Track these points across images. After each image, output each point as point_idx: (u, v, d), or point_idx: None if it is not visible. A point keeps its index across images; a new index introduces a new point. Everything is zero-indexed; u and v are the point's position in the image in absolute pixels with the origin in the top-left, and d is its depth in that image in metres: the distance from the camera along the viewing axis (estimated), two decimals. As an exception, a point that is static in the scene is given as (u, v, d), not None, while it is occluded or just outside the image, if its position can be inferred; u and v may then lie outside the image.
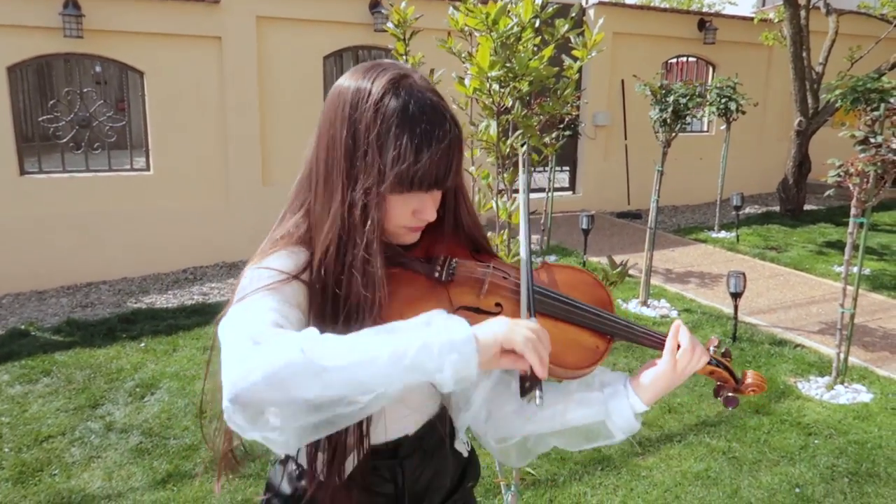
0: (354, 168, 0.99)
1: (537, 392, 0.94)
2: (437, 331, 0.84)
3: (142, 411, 3.71)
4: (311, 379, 0.79)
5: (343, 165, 1.00)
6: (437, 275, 1.08)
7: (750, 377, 1.18)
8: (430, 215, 1.05)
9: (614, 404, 1.13)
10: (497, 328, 0.89)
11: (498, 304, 1.08)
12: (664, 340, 1.12)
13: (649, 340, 1.14)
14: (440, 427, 1.23)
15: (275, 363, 0.79)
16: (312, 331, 0.84)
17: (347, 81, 1.03)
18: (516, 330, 0.89)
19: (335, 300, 1.01)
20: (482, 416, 1.21)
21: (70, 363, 4.31)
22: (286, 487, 1.18)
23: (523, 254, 1.09)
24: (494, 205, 2.27)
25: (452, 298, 1.08)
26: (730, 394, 1.17)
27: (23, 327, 4.95)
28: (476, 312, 1.06)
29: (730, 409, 1.21)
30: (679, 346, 1.11)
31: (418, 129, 0.96)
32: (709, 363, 1.15)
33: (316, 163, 1.06)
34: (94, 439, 3.43)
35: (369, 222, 0.98)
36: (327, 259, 1.01)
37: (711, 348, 1.17)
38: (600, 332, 1.12)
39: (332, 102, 1.04)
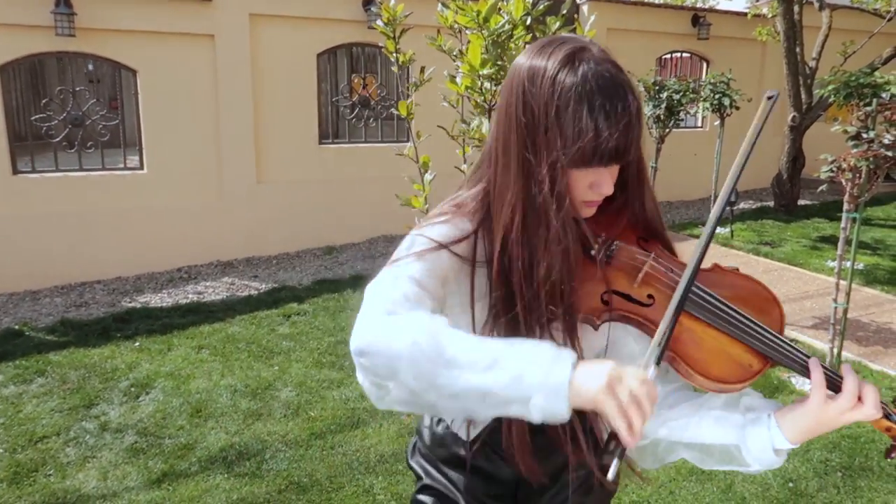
0: (536, 145, 1.00)
1: (614, 461, 0.87)
2: (536, 366, 0.84)
3: (136, 411, 3.71)
4: (428, 366, 0.85)
5: (524, 143, 1.01)
6: (593, 252, 1.07)
7: None
8: (608, 189, 1.03)
9: (752, 432, 1.05)
10: (596, 382, 0.83)
11: (650, 297, 1.05)
12: (834, 378, 1.02)
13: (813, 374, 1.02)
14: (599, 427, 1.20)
15: (400, 340, 0.86)
16: (442, 320, 0.89)
17: (523, 59, 1.04)
18: (616, 390, 0.83)
19: (521, 281, 1.03)
20: None
21: (64, 363, 4.30)
22: (426, 435, 1.30)
23: (694, 259, 1.02)
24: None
25: (607, 280, 1.06)
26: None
27: (17, 327, 4.94)
28: (627, 300, 1.05)
29: (890, 458, 1.04)
30: (831, 383, 1.01)
31: (597, 104, 0.96)
32: (883, 417, 1.01)
33: (495, 142, 1.07)
34: (88, 439, 3.43)
35: (558, 198, 1.00)
36: (513, 236, 1.03)
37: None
38: (757, 350, 1.02)
39: (509, 82, 1.05)
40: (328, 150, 7.11)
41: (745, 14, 9.38)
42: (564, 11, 2.26)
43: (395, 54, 2.42)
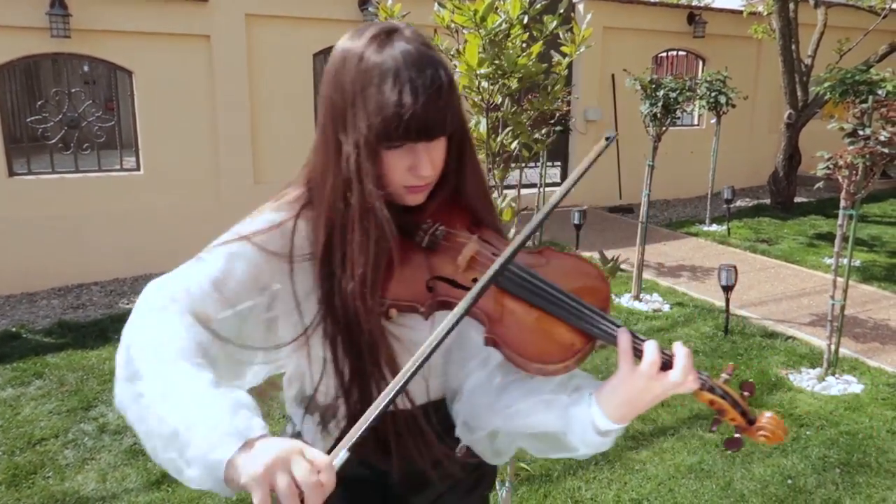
0: (345, 124, 1.00)
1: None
2: (202, 437, 0.81)
3: (135, 412, 3.70)
4: (126, 384, 0.91)
5: (335, 124, 1.01)
6: (418, 239, 1.07)
7: (766, 420, 0.99)
8: (425, 170, 1.01)
9: (575, 412, 1.01)
10: (254, 467, 0.77)
11: (475, 280, 1.02)
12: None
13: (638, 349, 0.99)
14: (444, 418, 1.19)
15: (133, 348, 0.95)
16: (182, 340, 0.92)
17: (338, 44, 1.04)
18: (276, 476, 0.76)
19: (335, 253, 1.02)
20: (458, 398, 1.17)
21: (62, 365, 4.29)
22: None
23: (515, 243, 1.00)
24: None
25: (431, 266, 1.06)
26: (735, 434, 1.01)
27: (14, 329, 4.92)
28: (453, 286, 1.04)
29: (730, 451, 1.01)
30: (643, 353, 0.96)
31: (401, 78, 0.95)
32: (705, 389, 0.98)
33: (317, 129, 1.08)
34: (87, 441, 3.42)
35: (361, 177, 0.99)
36: (336, 224, 1.02)
37: (724, 376, 1.01)
38: (579, 329, 1.00)
39: (326, 67, 1.06)
40: (325, 150, 7.10)
41: (741, 12, 9.39)
42: (561, 10, 2.26)
43: (392, 54, 2.42)
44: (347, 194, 1.01)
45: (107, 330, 4.88)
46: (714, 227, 7.88)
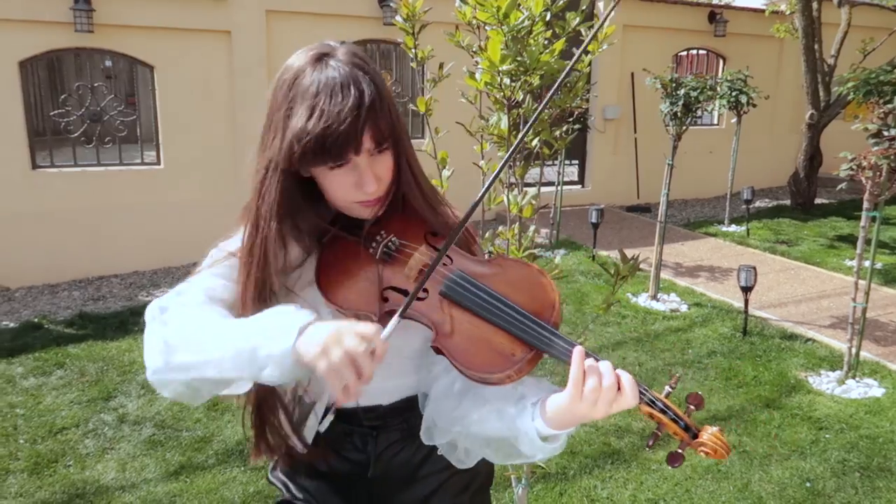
0: (265, 145, 1.07)
1: (314, 411, 0.92)
2: (265, 340, 0.91)
3: (154, 403, 3.74)
4: (172, 372, 1.00)
5: (262, 142, 1.09)
6: (371, 251, 1.11)
7: (707, 435, 0.98)
8: (370, 186, 1.04)
9: (521, 423, 1.03)
10: (314, 347, 0.88)
11: (425, 290, 1.07)
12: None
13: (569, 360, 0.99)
14: (419, 417, 1.22)
15: (149, 349, 1.02)
16: (201, 319, 1.00)
17: (289, 61, 1.08)
18: (330, 352, 0.87)
19: (262, 273, 1.08)
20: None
21: (83, 356, 4.34)
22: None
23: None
24: (505, 199, 2.27)
25: (383, 277, 1.09)
26: (678, 450, 0.98)
27: (36, 320, 5.00)
28: (404, 295, 1.07)
29: (672, 467, 0.99)
30: (585, 378, 0.96)
31: (316, 100, 0.99)
32: (644, 402, 0.98)
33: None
34: (107, 431, 3.47)
35: (266, 194, 1.06)
36: (250, 230, 1.10)
37: (667, 388, 1.00)
38: (521, 339, 1.01)
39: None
40: (343, 146, 7.13)
41: (763, 11, 9.29)
42: (584, 7, 2.25)
43: (413, 50, 2.42)
44: (259, 214, 1.09)
45: (126, 322, 4.94)
46: (733, 228, 7.82)
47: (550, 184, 7.52)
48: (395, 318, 0.99)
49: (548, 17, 2.10)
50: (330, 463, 1.25)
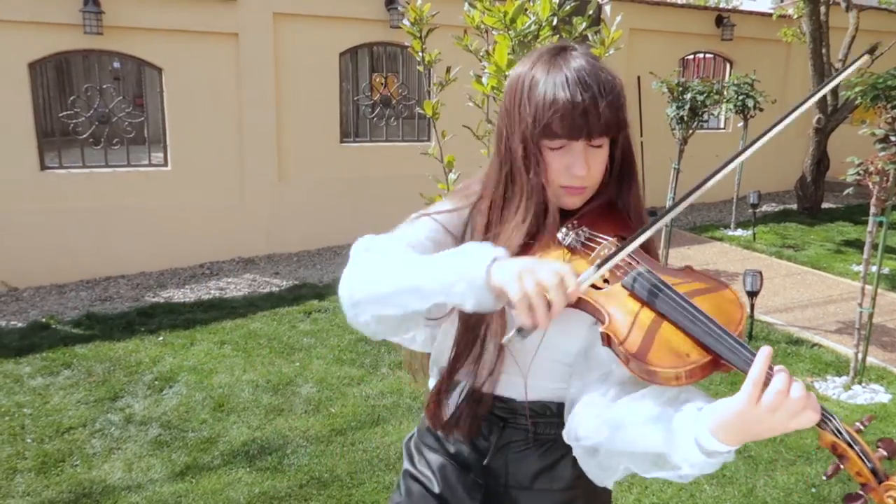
0: (512, 124, 1.12)
1: (514, 334, 0.94)
2: (459, 263, 0.96)
3: (160, 404, 3.76)
4: (371, 287, 1.05)
5: (506, 126, 1.14)
6: (560, 236, 1.13)
7: None
8: (580, 169, 1.08)
9: (679, 424, 0.95)
10: (511, 269, 0.91)
11: (606, 281, 1.07)
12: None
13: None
14: (550, 425, 1.22)
15: (353, 273, 1.08)
16: (398, 256, 1.07)
17: (518, 68, 1.15)
18: (524, 278, 0.90)
19: (495, 235, 1.14)
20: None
21: (90, 356, 4.37)
22: (421, 424, 1.38)
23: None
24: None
25: (569, 263, 1.06)
26: (858, 491, 0.88)
27: (43, 320, 5.03)
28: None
29: None
30: (768, 381, 0.87)
31: (558, 80, 1.06)
32: (826, 429, 0.89)
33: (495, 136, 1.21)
34: (114, 431, 3.49)
35: (529, 162, 1.10)
36: (495, 202, 1.16)
37: (858, 424, 0.90)
38: (697, 340, 0.95)
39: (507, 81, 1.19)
40: (349, 148, 7.15)
41: (770, 15, 9.28)
42: (590, 12, 2.26)
43: (420, 54, 2.43)
44: (511, 183, 1.14)
45: (133, 322, 4.96)
46: (739, 232, 7.80)
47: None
48: (593, 268, 0.99)
49: (554, 22, 2.11)
50: (456, 442, 1.28)
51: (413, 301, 0.99)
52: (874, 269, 4.08)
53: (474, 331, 1.17)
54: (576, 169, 1.09)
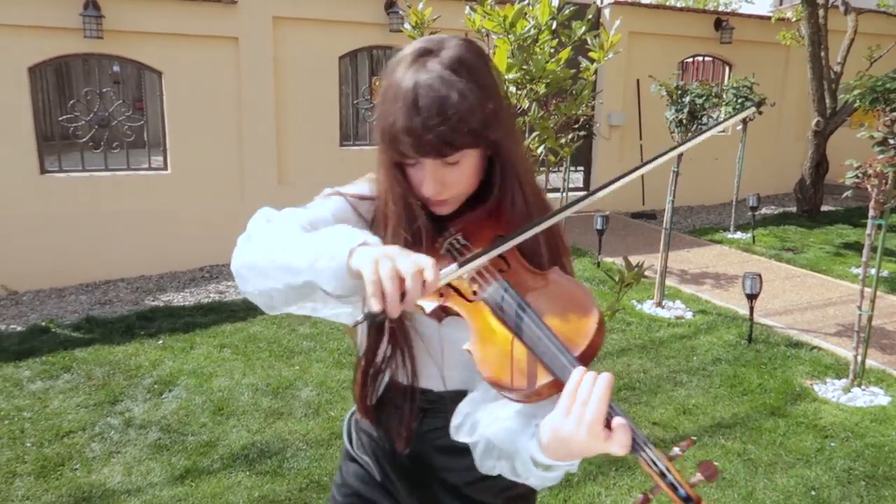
0: (376, 135, 1.13)
1: (363, 314, 0.91)
2: (328, 245, 0.96)
3: (160, 408, 3.76)
4: (252, 258, 1.07)
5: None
6: (437, 245, 1.15)
7: None
8: (427, 190, 1.09)
9: (521, 442, 1.01)
10: (370, 254, 0.91)
11: (475, 292, 1.07)
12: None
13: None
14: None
15: (242, 243, 1.11)
16: (288, 230, 1.06)
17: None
18: (382, 263, 0.89)
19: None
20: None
21: (90, 360, 4.37)
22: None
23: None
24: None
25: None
26: None
27: (43, 324, 5.02)
28: (457, 293, 1.09)
29: None
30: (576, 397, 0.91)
31: (402, 98, 1.03)
32: (641, 458, 0.90)
33: None
34: (113, 435, 3.48)
35: (387, 178, 1.13)
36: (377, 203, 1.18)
37: (676, 449, 0.92)
38: (542, 362, 0.98)
39: None
40: (349, 151, 7.16)
41: (769, 18, 9.30)
42: (590, 16, 2.26)
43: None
44: (382, 193, 1.15)
45: (133, 326, 4.96)
46: (739, 235, 7.81)
47: (556, 190, 7.52)
48: (454, 266, 0.98)
49: (553, 27, 2.12)
50: (378, 433, 1.32)
51: (286, 276, 1.00)
52: (873, 271, 4.08)
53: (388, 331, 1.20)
54: (424, 188, 1.09)
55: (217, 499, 2.98)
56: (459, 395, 1.23)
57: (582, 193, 1.12)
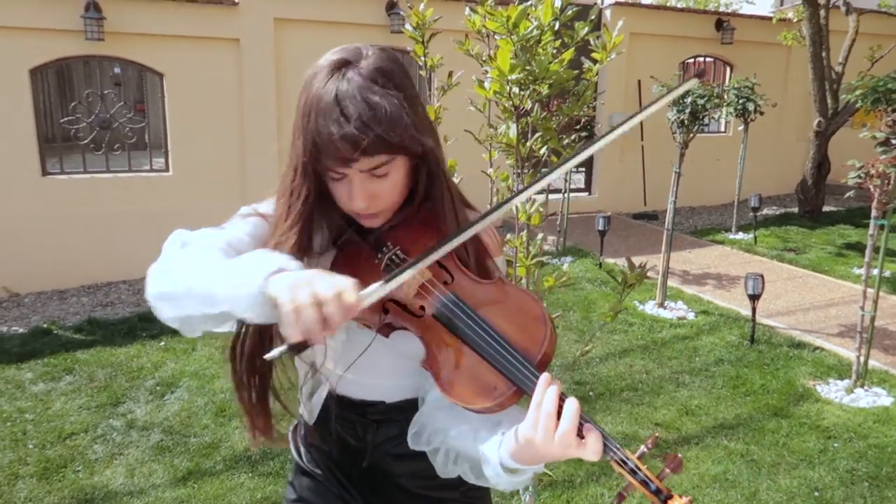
0: (293, 141, 1.09)
1: (273, 350, 0.90)
2: (244, 273, 0.92)
3: (162, 409, 3.76)
4: (168, 286, 1.00)
5: (292, 138, 1.10)
6: (376, 261, 1.12)
7: None
8: (355, 204, 1.06)
9: (487, 449, 1.03)
10: (287, 282, 0.88)
11: (422, 308, 1.06)
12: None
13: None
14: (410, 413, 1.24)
15: (158, 269, 1.03)
16: (209, 255, 1.01)
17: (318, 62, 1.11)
18: (298, 290, 0.86)
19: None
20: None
21: (92, 361, 4.37)
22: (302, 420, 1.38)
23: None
24: (514, 207, 2.28)
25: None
26: None
27: (45, 326, 5.02)
28: (404, 310, 1.08)
29: None
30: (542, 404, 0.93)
31: (322, 113, 1.01)
32: (615, 461, 0.94)
33: None
34: (116, 437, 3.48)
35: (292, 192, 1.09)
36: (277, 219, 1.13)
37: (643, 447, 0.95)
38: (501, 374, 0.98)
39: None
40: (350, 153, 7.16)
41: (770, 18, 9.30)
42: (592, 17, 2.26)
43: (422, 59, 2.43)
44: (287, 207, 1.11)
45: (135, 328, 4.96)
46: (740, 236, 7.80)
47: (557, 191, 7.52)
48: (378, 284, 0.94)
49: (556, 27, 2.12)
50: (330, 447, 1.30)
51: (203, 306, 0.96)
52: (876, 272, 4.08)
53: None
54: (354, 203, 1.06)
55: (219, 500, 2.98)
56: (410, 403, 1.23)
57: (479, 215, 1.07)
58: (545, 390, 0.93)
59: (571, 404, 0.92)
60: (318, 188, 1.09)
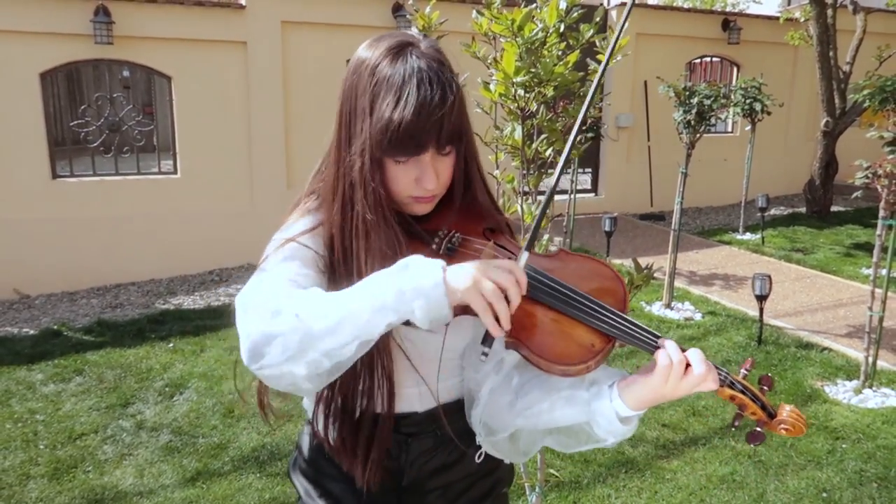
0: (352, 133, 1.05)
1: (484, 346, 0.94)
2: (411, 276, 0.88)
3: (171, 410, 3.78)
4: (307, 342, 0.87)
5: (345, 132, 1.06)
6: (434, 246, 1.10)
7: (786, 413, 1.04)
8: (430, 183, 1.04)
9: (598, 405, 1.04)
10: (466, 276, 0.88)
11: None
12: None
13: (653, 348, 1.02)
14: (457, 420, 1.20)
15: (275, 331, 0.87)
16: (313, 292, 0.91)
17: (355, 53, 1.08)
18: (482, 283, 0.88)
19: (347, 261, 1.05)
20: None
21: (101, 363, 4.40)
22: (305, 445, 1.29)
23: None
24: (519, 208, 2.29)
25: None
26: (757, 428, 1.05)
27: (55, 327, 5.07)
28: None
29: (752, 445, 1.06)
30: (672, 361, 1.00)
31: (403, 93, 0.98)
32: (726, 386, 1.03)
33: (332, 136, 1.12)
34: (125, 437, 3.51)
35: (364, 185, 1.03)
36: (335, 229, 1.06)
37: (743, 371, 1.05)
38: (598, 330, 1.01)
39: (343, 76, 1.10)
40: (357, 155, 7.18)
41: (777, 18, 9.27)
42: (598, 19, 2.27)
43: (428, 61, 2.45)
44: (354, 202, 1.04)
45: (144, 329, 4.99)
46: (748, 236, 7.78)
47: (564, 192, 7.52)
48: (523, 254, 0.98)
49: (561, 29, 2.13)
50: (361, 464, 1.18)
51: (360, 328, 0.87)
52: (884, 272, 4.07)
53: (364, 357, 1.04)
54: (426, 182, 1.04)
55: (228, 501, 3.00)
56: (442, 409, 1.18)
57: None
58: (676, 348, 1.00)
59: (696, 352, 1.01)
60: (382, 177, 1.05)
